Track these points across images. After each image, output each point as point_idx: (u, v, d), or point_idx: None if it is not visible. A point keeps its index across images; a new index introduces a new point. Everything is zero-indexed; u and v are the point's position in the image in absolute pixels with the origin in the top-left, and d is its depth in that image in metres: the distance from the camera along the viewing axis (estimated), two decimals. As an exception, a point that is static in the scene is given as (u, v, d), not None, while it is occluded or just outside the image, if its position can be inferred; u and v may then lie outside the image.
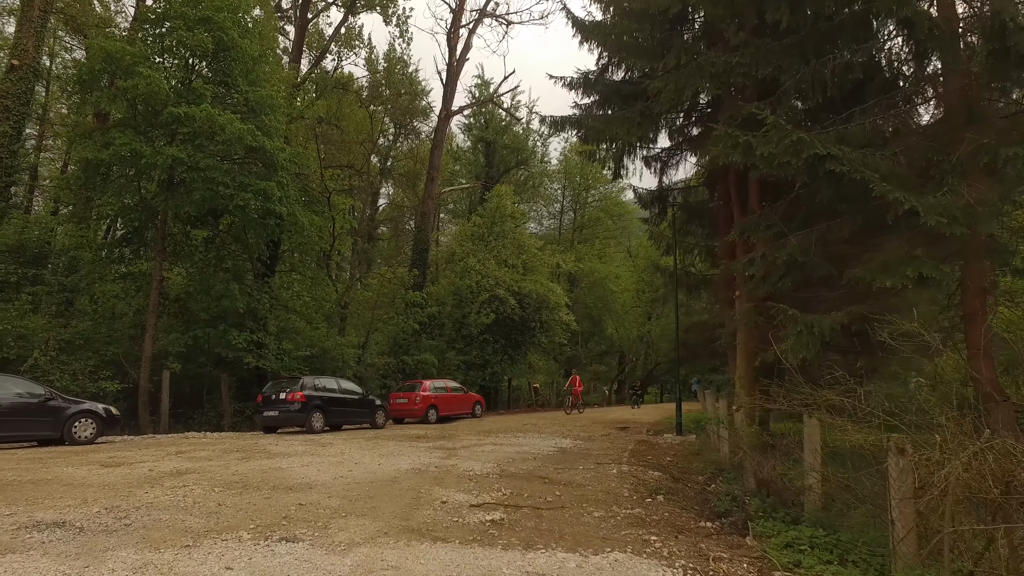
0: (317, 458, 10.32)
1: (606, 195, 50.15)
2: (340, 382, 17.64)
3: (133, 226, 19.06)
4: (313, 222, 20.89)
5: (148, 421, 16.41)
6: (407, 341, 26.43)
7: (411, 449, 12.13)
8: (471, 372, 27.90)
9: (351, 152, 28.57)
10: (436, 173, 32.24)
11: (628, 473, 10.40)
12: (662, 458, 12.76)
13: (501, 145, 43.83)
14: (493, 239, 31.51)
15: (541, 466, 10.60)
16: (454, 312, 28.44)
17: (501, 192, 32.06)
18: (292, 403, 15.55)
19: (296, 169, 20.00)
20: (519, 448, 13.02)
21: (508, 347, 29.81)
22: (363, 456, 10.73)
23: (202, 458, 10.03)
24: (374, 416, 18.08)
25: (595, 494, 8.44)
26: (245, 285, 20.12)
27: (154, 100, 16.40)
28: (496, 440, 14.69)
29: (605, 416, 25.74)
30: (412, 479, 8.56)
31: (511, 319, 28.63)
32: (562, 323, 31.68)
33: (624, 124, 13.71)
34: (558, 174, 49.99)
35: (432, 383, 21.53)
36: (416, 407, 20.19)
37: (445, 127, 32.79)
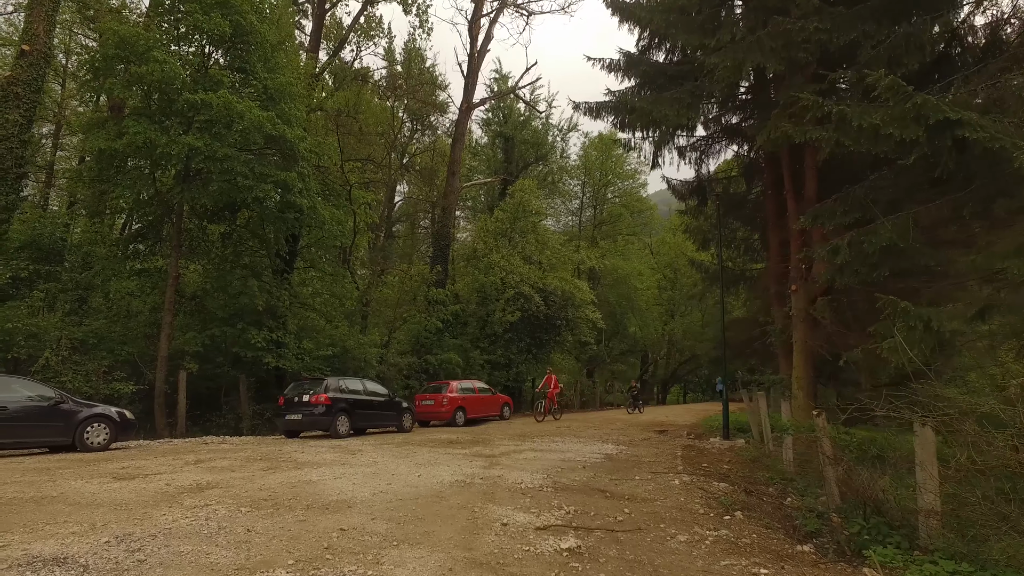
0: (349, 468, 9.38)
1: (625, 191, 48.99)
2: (366, 383, 16.73)
3: (148, 221, 18.26)
4: (334, 216, 20.00)
5: (164, 424, 15.58)
6: (430, 340, 25.51)
7: (448, 457, 11.18)
8: (495, 372, 26.95)
9: (370, 145, 27.70)
10: (457, 167, 31.32)
11: (692, 485, 9.38)
12: (718, 466, 11.71)
13: (520, 140, 42.87)
14: (516, 235, 30.53)
15: (595, 476, 9.61)
16: (478, 310, 27.49)
17: (524, 186, 31.08)
18: (316, 406, 14.65)
19: (317, 160, 19.14)
20: (563, 455, 12.04)
21: (532, 346, 28.84)
22: (399, 466, 9.79)
23: (224, 468, 9.12)
24: (401, 419, 17.16)
25: (667, 511, 7.45)
26: (263, 282, 19.27)
27: (169, 87, 15.57)
28: (535, 446, 13.71)
29: (633, 419, 24.69)
30: (460, 494, 7.60)
31: (536, 317, 27.66)
32: (588, 321, 30.66)
33: (674, 105, 12.68)
34: (577, 170, 48.94)
35: (459, 384, 20.59)
36: (443, 409, 19.25)
37: (466, 120, 31.85)
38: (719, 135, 19.52)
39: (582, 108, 17.86)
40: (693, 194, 19.80)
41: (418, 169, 38.22)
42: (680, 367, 46.72)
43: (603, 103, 17.37)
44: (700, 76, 13.07)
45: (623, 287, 41.79)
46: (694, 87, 12.66)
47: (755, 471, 11.15)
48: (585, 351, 36.66)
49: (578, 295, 29.71)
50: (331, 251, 23.38)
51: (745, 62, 11.12)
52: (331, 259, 23.25)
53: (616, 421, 22.00)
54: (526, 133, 43.83)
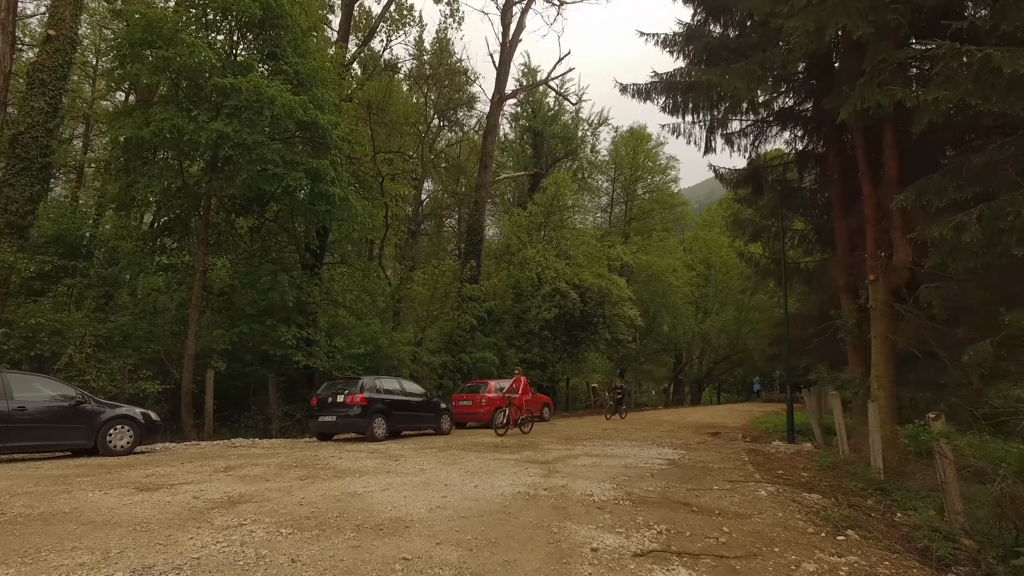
0: (396, 477, 8.42)
1: (656, 186, 47.64)
2: (403, 383, 15.81)
3: (175, 214, 17.55)
4: (366, 208, 19.16)
5: (191, 426, 14.81)
6: (463, 338, 24.58)
7: (499, 464, 10.17)
8: (531, 371, 25.86)
9: (401, 136, 26.85)
10: (489, 160, 30.37)
11: (781, 496, 8.25)
12: (795, 473, 10.56)
13: (549, 135, 41.93)
14: (551, 229, 29.48)
15: (668, 486, 8.53)
16: (513, 307, 26.49)
17: (559, 179, 29.99)
18: (351, 407, 13.73)
19: (349, 150, 18.27)
20: (622, 460, 10.97)
21: (568, 344, 27.77)
22: (449, 474, 8.80)
23: (257, 477, 8.21)
24: (439, 421, 16.22)
25: (770, 529, 6.36)
26: (293, 277, 18.47)
27: (197, 73, 14.83)
28: (587, 449, 12.66)
29: (679, 419, 23.48)
30: (529, 509, 6.58)
31: (572, 315, 26.59)
32: (625, 318, 29.49)
33: (744, 77, 11.49)
34: (607, 166, 47.74)
35: (497, 383, 19.60)
36: (481, 410, 18.29)
37: (498, 111, 30.89)
38: (771, 120, 18.31)
39: (630, 90, 16.77)
40: (746, 182, 18.57)
41: (445, 166, 37.34)
42: (715, 367, 45.25)
43: (653, 83, 16.27)
44: (769, 47, 11.93)
45: (657, 284, 40.50)
46: (763, 59, 11.51)
47: (840, 480, 9.98)
48: (618, 350, 35.52)
49: (615, 291, 28.58)
50: (361, 246, 22.58)
51: (829, 25, 9.95)
52: (362, 254, 22.41)
53: (662, 423, 20.85)
54: (555, 128, 42.88)
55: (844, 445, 12.36)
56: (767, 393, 44.96)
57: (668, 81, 15.92)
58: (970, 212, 7.49)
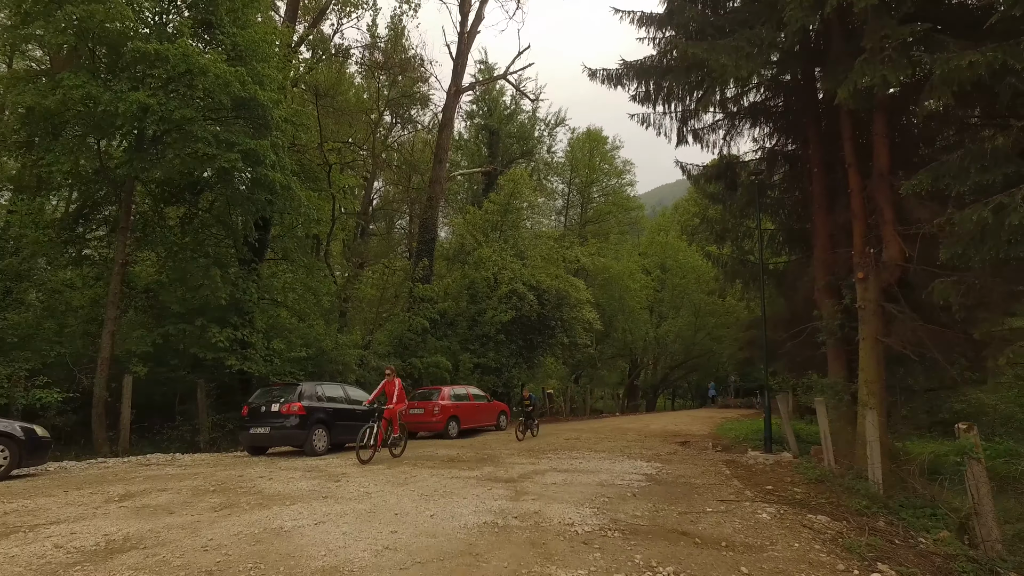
0: (335, 504, 6.97)
1: (613, 189, 46.99)
2: (348, 390, 14.24)
3: (92, 199, 15.60)
4: (310, 199, 17.55)
5: (104, 439, 12.93)
6: (415, 341, 23.06)
7: (458, 484, 8.80)
8: (486, 377, 24.55)
9: (352, 127, 25.20)
10: (444, 154, 28.95)
11: (786, 519, 7.17)
12: (787, 489, 9.55)
13: (505, 134, 40.78)
14: (508, 228, 28.24)
15: (656, 509, 7.34)
16: (468, 308, 25.08)
17: (516, 176, 28.76)
18: (287, 417, 12.09)
19: (293, 133, 16.63)
20: (595, 477, 9.76)
21: (524, 348, 26.53)
22: (400, 499, 7.39)
23: (158, 509, 6.63)
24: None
25: (794, 567, 5.25)
26: (228, 274, 16.69)
27: (118, 38, 13.03)
28: (554, 463, 11.40)
29: (642, 427, 22.48)
30: (500, 547, 5.26)
31: (529, 317, 25.37)
32: (584, 321, 28.42)
33: (732, 53, 10.46)
34: (563, 167, 46.87)
35: (451, 390, 18.21)
36: (434, 419, 16.85)
37: (455, 104, 29.49)
38: (743, 115, 17.57)
39: (599, 76, 15.72)
40: (718, 178, 17.73)
41: (397, 165, 35.70)
42: (671, 372, 44.72)
43: (625, 69, 15.25)
44: (757, 24, 10.97)
45: (613, 288, 39.69)
46: (751, 35, 10.53)
47: (838, 496, 8.98)
48: (574, 355, 34.51)
49: (573, 294, 27.48)
50: (306, 242, 20.85)
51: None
52: (306, 250, 20.66)
53: (626, 431, 19.77)
54: (512, 127, 41.79)
55: (830, 456, 11.43)
56: (723, 399, 44.66)
57: (641, 66, 14.91)
58: (1013, 192, 6.54)
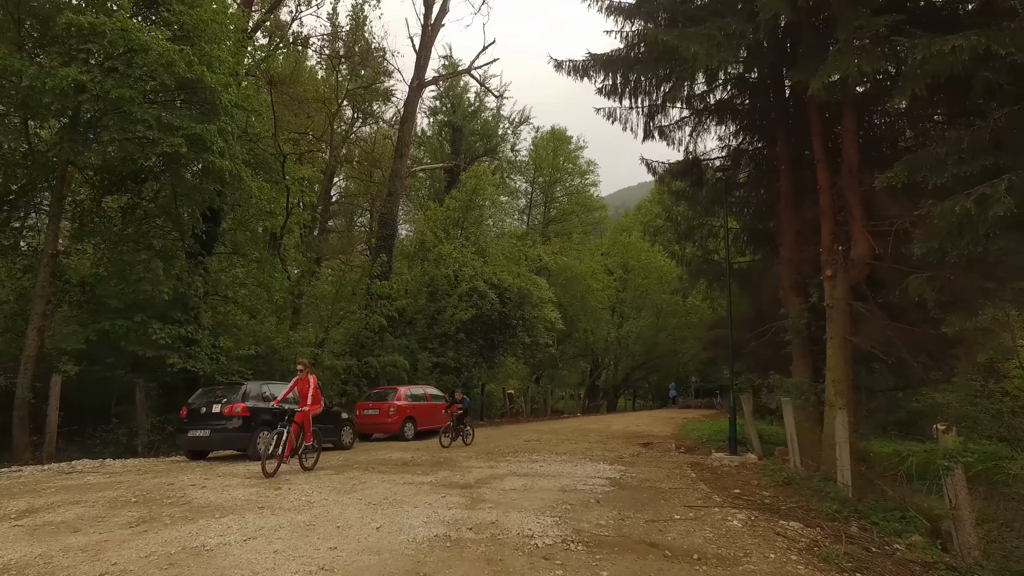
0: (270, 516, 6.31)
1: (576, 189, 46.81)
2: (296, 389, 13.46)
3: (20, 184, 14.50)
4: (263, 190, 16.72)
5: (26, 445, 11.93)
6: (371, 340, 22.30)
7: (410, 490, 8.21)
8: (445, 376, 23.88)
9: (310, 118, 24.28)
10: (406, 149, 28.25)
11: (758, 526, 6.80)
12: (754, 492, 9.21)
13: (469, 131, 40.25)
14: (470, 225, 27.64)
15: (622, 517, 6.88)
16: (427, 307, 24.40)
17: (479, 172, 28.19)
18: (230, 418, 11.28)
19: (245, 121, 15.80)
20: (556, 481, 9.27)
21: (485, 348, 25.97)
22: (345, 509, 6.77)
23: (62, 526, 5.87)
24: (339, 433, 14.00)
25: (773, 586, 4.82)
26: (170, 267, 15.70)
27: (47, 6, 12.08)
28: (513, 467, 10.88)
29: (603, 428, 22.15)
30: (453, 567, 4.71)
31: (490, 316, 24.83)
32: (546, 321, 28.01)
33: (704, 42, 10.08)
34: (527, 167, 46.50)
35: (408, 390, 17.56)
36: (389, 420, 16.17)
37: (417, 98, 28.75)
38: (709, 112, 17.35)
39: (565, 67, 15.25)
40: (684, 175, 17.46)
41: (358, 161, 34.81)
42: (632, 373, 44.67)
43: (592, 60, 14.85)
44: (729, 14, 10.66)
45: (576, 287, 39.47)
46: (723, 24, 10.19)
47: (808, 500, 8.67)
48: (536, 355, 34.12)
49: (535, 293, 27.04)
50: (259, 236, 19.91)
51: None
52: (260, 244, 19.71)
53: (587, 432, 19.38)
54: (475, 124, 41.27)
55: (796, 457, 11.18)
56: (683, 399, 44.80)
57: (608, 59, 14.52)
58: (995, 183, 6.25)
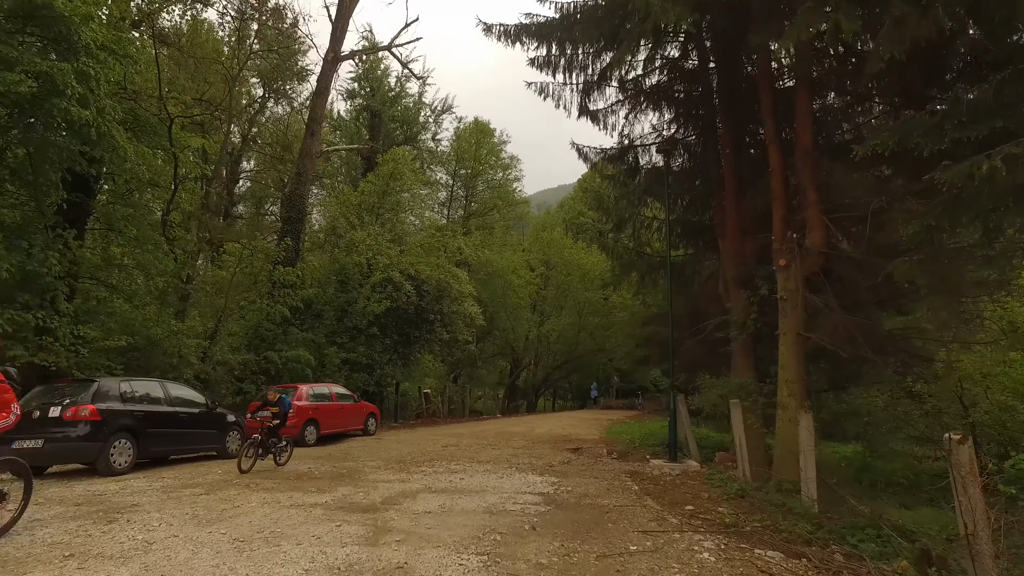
0: (74, 574, 4.43)
1: (498, 183, 45.47)
2: (169, 388, 11.20)
3: None
4: (142, 154, 14.32)
5: None
6: (273, 333, 20.03)
7: (295, 516, 6.44)
8: (355, 374, 21.84)
9: (209, 85, 21.62)
10: (318, 126, 25.91)
11: (733, 558, 5.49)
12: (707, 507, 8.02)
13: (388, 117, 38.14)
14: (386, 211, 25.67)
15: (566, 551, 5.42)
16: (336, 297, 22.27)
17: (397, 156, 26.22)
18: (73, 424, 8.95)
19: (119, 71, 13.34)
20: (481, 499, 7.72)
21: (400, 344, 24.07)
22: (197, 552, 4.95)
23: None
24: (224, 439, 11.88)
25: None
26: (21, 241, 13.06)
27: None
28: (429, 480, 9.23)
29: (527, 431, 20.79)
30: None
31: (405, 310, 23.00)
32: (466, 316, 26.42)
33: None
34: (448, 158, 44.70)
35: (311, 388, 15.52)
36: (288, 423, 14.11)
37: (332, 72, 26.42)
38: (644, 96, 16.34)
39: (495, 31, 13.81)
40: (618, 161, 16.34)
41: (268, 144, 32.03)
42: (553, 372, 43.72)
43: (526, 25, 13.43)
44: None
45: (496, 283, 38.10)
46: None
47: (772, 518, 7.49)
48: (454, 352, 32.46)
49: (455, 286, 25.35)
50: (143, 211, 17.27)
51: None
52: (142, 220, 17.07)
53: (511, 436, 17.91)
54: (396, 110, 39.21)
55: (745, 465, 10.11)
56: (605, 400, 44.20)
57: (544, 25, 13.14)
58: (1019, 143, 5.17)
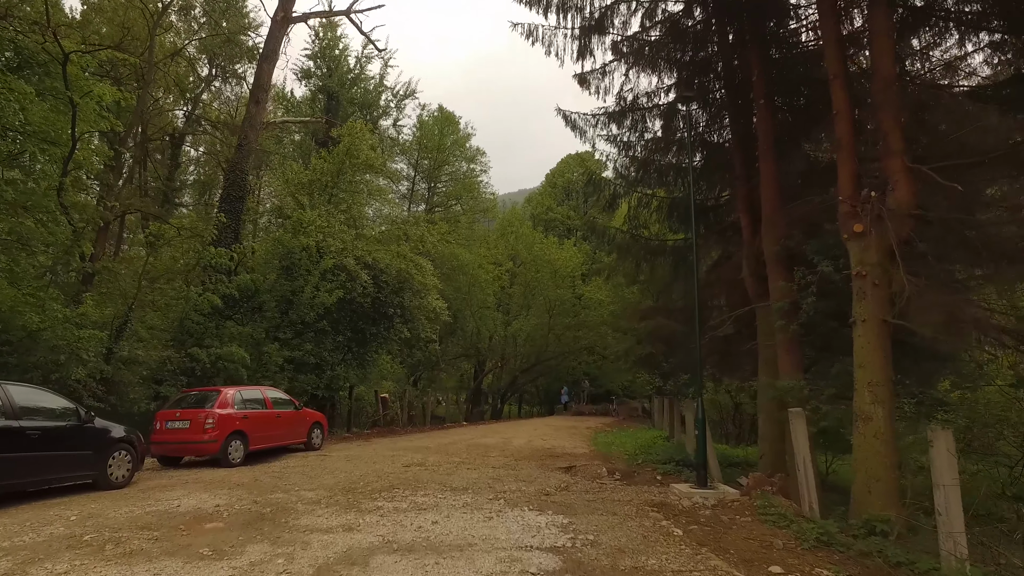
0: None
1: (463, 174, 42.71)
2: (12, 393, 7.90)
3: None
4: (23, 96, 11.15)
5: None
6: (201, 326, 16.84)
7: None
8: (301, 376, 18.69)
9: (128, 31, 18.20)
10: (264, 94, 22.79)
11: None
12: (795, 564, 5.40)
13: (346, 99, 35.05)
14: (341, 192, 22.59)
15: None
16: (280, 285, 19.11)
17: (354, 129, 23.11)
18: None
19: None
20: (469, 564, 4.95)
21: (354, 342, 21.00)
22: None
23: None
24: (105, 463, 8.72)
25: None
26: None
27: None
28: (387, 526, 6.38)
29: (503, 444, 18.02)
30: None
31: (361, 303, 20.03)
32: (429, 311, 23.51)
33: None
34: (410, 147, 41.72)
35: (239, 393, 12.41)
36: (206, 437, 11.01)
37: (281, 34, 23.21)
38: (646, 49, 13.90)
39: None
40: (617, 120, 13.79)
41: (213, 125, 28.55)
42: (520, 375, 40.89)
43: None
44: None
45: (461, 279, 35.29)
46: None
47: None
48: (415, 353, 29.50)
49: (418, 277, 22.39)
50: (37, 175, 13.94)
51: None
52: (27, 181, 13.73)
53: (487, 449, 15.01)
54: (355, 92, 36.06)
55: (812, 496, 7.56)
56: (576, 405, 41.51)
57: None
58: None
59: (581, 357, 40.43)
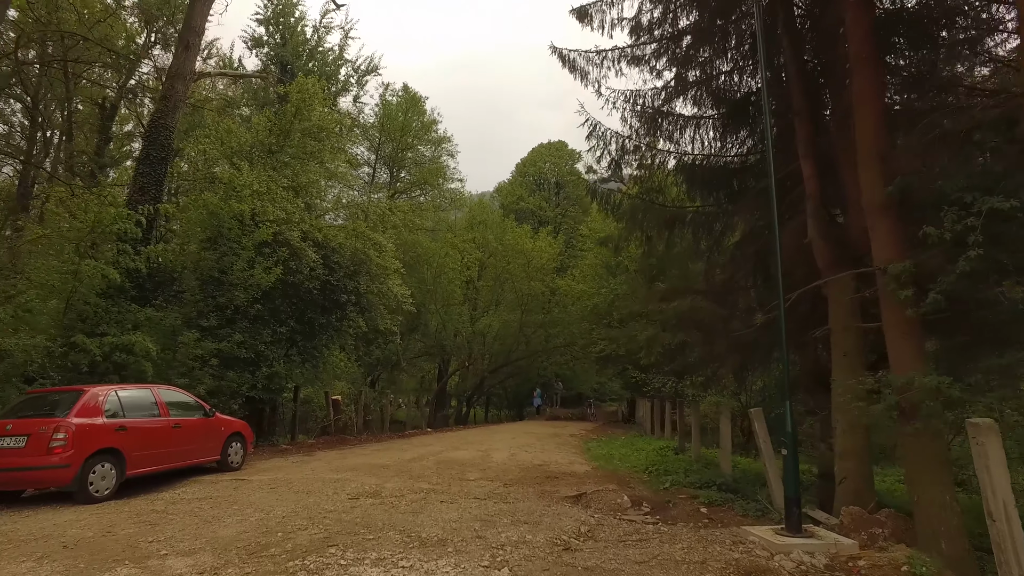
0: None
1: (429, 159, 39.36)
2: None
3: None
4: None
5: None
6: (98, 309, 13.25)
7: None
8: (231, 372, 15.04)
9: None
10: (196, 39, 19.10)
11: None
12: None
13: (302, 71, 31.32)
14: (288, 157, 19.02)
15: None
16: (204, 258, 15.48)
17: (304, 86, 19.58)
18: None
19: None
20: None
21: (300, 334, 17.46)
22: None
23: None
24: None
25: None
26: None
27: None
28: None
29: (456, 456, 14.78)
30: None
31: (309, 288, 16.61)
32: (390, 299, 20.15)
33: None
34: (372, 129, 38.21)
35: (115, 394, 8.84)
36: (53, 460, 7.50)
37: (214, -33, 19.69)
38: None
39: None
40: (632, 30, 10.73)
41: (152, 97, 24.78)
42: (488, 376, 37.62)
43: None
44: None
45: (426, 270, 32.06)
46: None
47: None
48: (372, 350, 26.01)
49: (376, 259, 18.99)
50: None
51: None
52: None
53: (462, 467, 11.74)
54: (311, 64, 32.43)
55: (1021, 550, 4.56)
56: (551, 409, 38.46)
57: None
58: None
59: (554, 357, 37.40)
